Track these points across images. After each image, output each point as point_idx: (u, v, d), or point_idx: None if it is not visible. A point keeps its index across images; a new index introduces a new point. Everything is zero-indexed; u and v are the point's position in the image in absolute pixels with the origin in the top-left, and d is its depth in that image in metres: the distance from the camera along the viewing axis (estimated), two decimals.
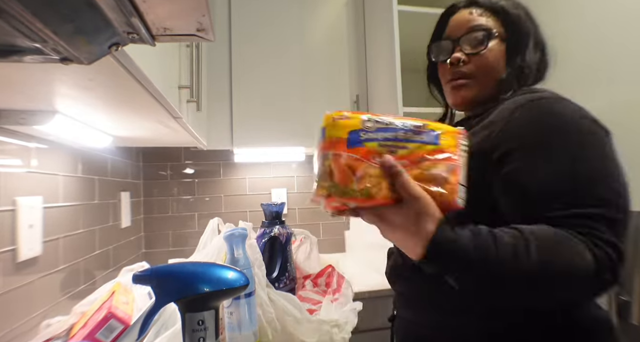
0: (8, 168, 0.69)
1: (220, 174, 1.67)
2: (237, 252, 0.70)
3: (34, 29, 0.29)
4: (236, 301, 0.67)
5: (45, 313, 0.77)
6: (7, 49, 0.33)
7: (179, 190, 1.62)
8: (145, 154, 1.59)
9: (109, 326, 0.62)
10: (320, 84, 1.49)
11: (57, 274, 0.84)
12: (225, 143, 1.42)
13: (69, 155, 0.92)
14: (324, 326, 0.74)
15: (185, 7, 0.35)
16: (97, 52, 0.36)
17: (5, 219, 0.67)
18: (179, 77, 0.82)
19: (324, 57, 1.51)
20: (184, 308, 0.49)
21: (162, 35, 0.39)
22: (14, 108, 0.63)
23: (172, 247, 1.59)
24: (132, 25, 0.35)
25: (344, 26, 1.53)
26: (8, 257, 0.67)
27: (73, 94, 0.57)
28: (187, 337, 0.49)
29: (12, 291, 0.68)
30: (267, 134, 1.44)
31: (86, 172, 1.01)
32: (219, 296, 0.50)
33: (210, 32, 0.40)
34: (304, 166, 1.76)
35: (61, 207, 0.87)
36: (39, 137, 0.79)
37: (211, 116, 1.39)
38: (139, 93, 0.58)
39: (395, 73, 1.24)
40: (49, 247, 0.80)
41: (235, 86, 1.43)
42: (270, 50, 1.46)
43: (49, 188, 0.82)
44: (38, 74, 0.47)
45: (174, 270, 0.52)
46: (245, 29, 1.44)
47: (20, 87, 0.52)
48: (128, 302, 0.72)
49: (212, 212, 1.63)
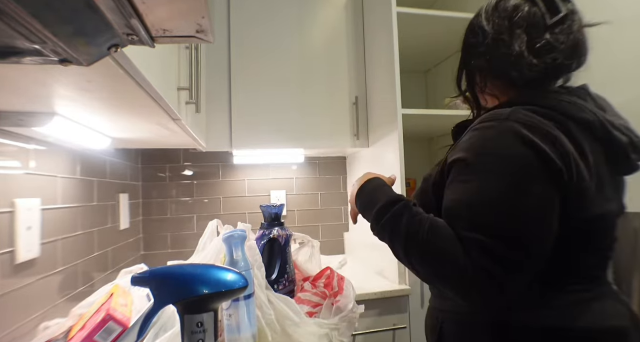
0: (6, 170, 0.69)
1: (219, 175, 1.67)
2: (236, 253, 0.70)
3: (33, 30, 0.29)
4: (235, 303, 0.67)
5: (44, 315, 0.77)
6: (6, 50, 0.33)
7: (178, 192, 1.62)
8: (144, 156, 1.59)
9: (108, 328, 0.62)
10: (319, 86, 1.50)
11: (55, 276, 0.83)
12: (224, 145, 1.42)
13: (67, 157, 0.92)
14: (324, 329, 0.74)
15: (184, 8, 0.35)
16: (96, 54, 0.36)
17: (3, 220, 0.67)
18: (178, 79, 0.82)
19: (323, 58, 1.51)
20: (183, 310, 0.49)
21: (161, 37, 0.39)
22: (12, 109, 0.63)
23: (170, 249, 1.59)
24: (131, 27, 0.35)
25: (343, 28, 1.54)
26: (6, 259, 0.67)
27: (72, 95, 0.56)
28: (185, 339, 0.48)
29: (9, 293, 0.67)
30: (266, 135, 1.44)
31: (85, 173, 1.01)
32: (218, 298, 0.50)
33: (210, 33, 0.40)
34: (303, 168, 1.76)
35: (59, 209, 0.87)
36: (38, 139, 0.79)
37: (210, 118, 1.40)
38: (138, 95, 0.58)
39: (395, 75, 1.25)
40: (47, 249, 0.80)
41: (234, 88, 1.43)
42: (269, 52, 1.46)
43: (47, 190, 0.82)
44: (37, 76, 0.47)
45: (173, 272, 0.52)
46: (245, 31, 1.45)
47: (19, 89, 0.52)
48: (126, 304, 0.71)
49: (211, 214, 1.63)
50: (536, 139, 0.54)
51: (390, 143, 1.28)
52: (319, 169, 1.79)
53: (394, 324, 1.18)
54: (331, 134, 1.49)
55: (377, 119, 1.43)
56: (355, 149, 1.54)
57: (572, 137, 0.56)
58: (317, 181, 1.78)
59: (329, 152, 1.67)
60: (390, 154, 1.28)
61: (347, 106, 1.52)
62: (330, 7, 1.53)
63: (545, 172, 0.54)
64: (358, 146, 1.51)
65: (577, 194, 0.55)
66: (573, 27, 0.61)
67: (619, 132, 0.60)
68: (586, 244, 0.58)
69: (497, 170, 0.55)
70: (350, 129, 1.51)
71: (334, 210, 1.78)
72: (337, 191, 1.79)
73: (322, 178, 1.78)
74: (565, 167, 0.54)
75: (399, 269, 1.22)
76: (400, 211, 0.63)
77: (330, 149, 1.56)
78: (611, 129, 0.59)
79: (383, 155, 1.36)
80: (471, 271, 0.52)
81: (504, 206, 0.54)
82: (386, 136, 1.32)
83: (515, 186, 0.54)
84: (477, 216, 0.55)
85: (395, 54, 1.25)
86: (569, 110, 0.58)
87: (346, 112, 1.52)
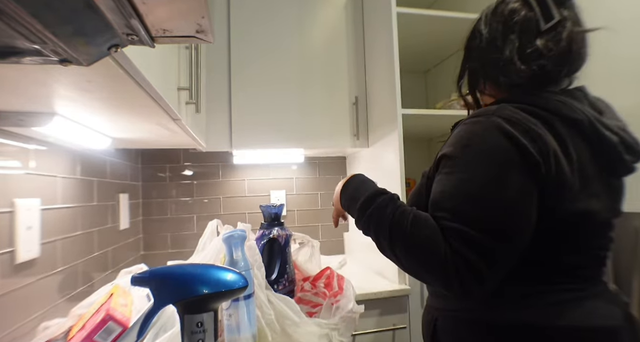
0: (6, 170, 0.69)
1: (219, 175, 1.67)
2: (236, 253, 0.70)
3: (33, 30, 0.29)
4: (235, 303, 0.67)
5: (43, 315, 0.77)
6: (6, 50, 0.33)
7: (178, 192, 1.62)
8: (144, 156, 1.59)
9: (107, 328, 0.62)
10: (319, 86, 1.50)
11: (55, 276, 0.83)
12: (224, 145, 1.42)
13: (67, 157, 0.92)
14: (324, 329, 0.74)
15: (184, 8, 0.35)
16: (96, 54, 0.36)
17: (3, 220, 0.67)
18: (178, 79, 0.82)
19: (323, 58, 1.51)
20: (183, 310, 0.49)
21: (161, 37, 0.39)
22: (12, 109, 0.63)
23: (170, 249, 1.59)
24: (131, 27, 0.35)
25: (343, 28, 1.54)
26: (6, 259, 0.67)
27: (72, 95, 0.57)
28: (186, 339, 0.48)
29: (9, 293, 0.67)
30: (266, 135, 1.44)
31: (85, 173, 1.01)
32: (218, 298, 0.50)
33: (210, 33, 0.40)
34: (303, 168, 1.76)
35: (60, 209, 0.87)
36: (38, 139, 0.79)
37: (210, 118, 1.40)
38: (138, 95, 0.58)
39: (394, 75, 1.25)
40: (47, 249, 0.80)
41: (234, 88, 1.43)
42: (269, 52, 1.46)
43: (47, 190, 0.82)
44: (37, 76, 0.47)
45: (173, 272, 0.52)
46: (245, 31, 1.45)
47: (19, 89, 0.52)
48: (126, 304, 0.71)
49: (211, 214, 1.63)
50: (517, 133, 0.56)
51: (390, 143, 1.28)
52: (319, 169, 1.79)
53: (393, 324, 1.18)
54: (331, 134, 1.49)
55: (377, 119, 1.43)
56: (355, 149, 1.54)
57: (557, 134, 0.58)
58: (317, 181, 1.78)
59: (329, 152, 1.67)
60: (390, 154, 1.28)
61: (347, 106, 1.52)
62: (330, 7, 1.53)
63: (524, 165, 0.55)
64: (358, 146, 1.51)
65: (557, 187, 0.56)
66: (563, 34, 0.61)
67: (610, 132, 0.60)
68: (573, 241, 0.59)
69: (479, 162, 0.58)
70: (350, 129, 1.51)
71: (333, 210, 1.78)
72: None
73: (322, 178, 1.78)
74: (543, 160, 0.55)
75: (398, 269, 1.22)
76: (385, 202, 0.65)
77: (330, 149, 1.56)
78: (601, 128, 0.60)
79: (383, 155, 1.36)
80: (451, 261, 0.54)
81: (484, 197, 0.56)
82: (386, 136, 1.32)
83: (496, 177, 0.56)
84: (458, 206, 0.57)
85: (395, 54, 1.25)
86: (559, 109, 0.59)
87: (346, 112, 1.52)
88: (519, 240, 0.55)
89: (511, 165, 0.56)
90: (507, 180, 0.55)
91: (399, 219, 0.61)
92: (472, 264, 0.53)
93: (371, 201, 0.67)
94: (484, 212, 0.55)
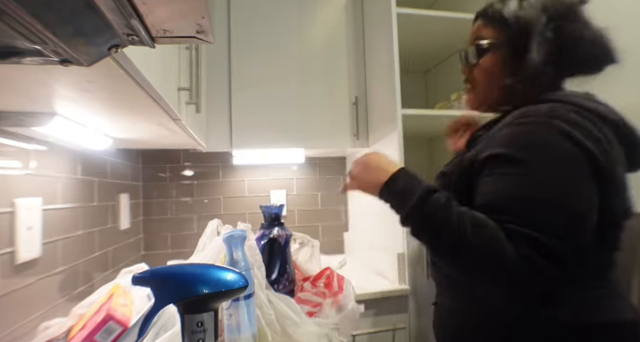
0: (7, 170, 0.69)
1: (220, 176, 1.67)
2: (236, 253, 0.70)
3: (33, 30, 0.29)
4: (235, 303, 0.67)
5: (44, 315, 0.77)
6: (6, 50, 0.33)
7: (178, 192, 1.62)
8: (144, 156, 1.59)
9: (108, 328, 0.62)
10: (319, 86, 1.50)
11: (56, 276, 0.83)
12: (225, 145, 1.42)
13: (68, 157, 0.92)
14: (324, 329, 0.74)
15: (184, 9, 0.35)
16: (96, 54, 0.36)
17: (3, 220, 0.67)
18: (179, 79, 0.82)
19: (323, 59, 1.51)
20: (183, 310, 0.49)
21: (161, 37, 0.39)
22: (13, 110, 0.63)
23: (171, 249, 1.59)
24: (131, 27, 0.35)
25: (343, 28, 1.54)
26: (6, 259, 0.67)
27: (72, 95, 0.57)
28: (186, 338, 0.48)
29: (10, 293, 0.67)
30: (266, 135, 1.44)
31: (85, 173, 1.01)
32: (218, 298, 0.50)
33: (210, 34, 0.40)
34: (303, 168, 1.76)
35: (60, 209, 0.87)
36: (38, 139, 0.79)
37: (210, 118, 1.40)
38: (139, 95, 0.58)
39: (394, 75, 1.25)
40: (48, 249, 0.80)
41: (234, 88, 1.43)
42: (269, 52, 1.46)
43: (48, 190, 0.82)
44: (37, 76, 0.47)
45: (173, 271, 0.52)
46: (245, 31, 1.45)
47: (19, 89, 0.52)
48: (127, 304, 0.71)
49: (211, 214, 1.63)
50: (581, 137, 0.55)
51: (390, 143, 1.28)
52: (319, 169, 1.79)
53: (393, 324, 1.18)
54: (331, 134, 1.49)
55: (377, 119, 1.43)
56: (355, 149, 1.54)
57: (605, 135, 0.58)
58: (317, 181, 1.78)
59: (329, 152, 1.67)
60: (390, 154, 1.28)
61: (347, 106, 1.52)
62: (330, 7, 1.53)
63: (591, 170, 0.55)
64: (358, 146, 1.51)
65: (613, 190, 0.57)
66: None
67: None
68: (611, 241, 0.60)
69: (545, 166, 0.56)
70: (350, 129, 1.51)
71: (333, 210, 1.78)
72: (337, 191, 1.79)
73: (322, 178, 1.78)
74: (607, 166, 0.56)
75: (398, 269, 1.22)
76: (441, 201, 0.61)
77: (330, 149, 1.56)
78: (634, 130, 0.61)
79: None
80: (518, 264, 0.52)
81: (555, 202, 0.55)
82: (386, 136, 1.32)
83: (566, 183, 0.55)
84: (524, 209, 0.55)
85: (395, 54, 1.25)
86: (601, 111, 0.60)
87: (346, 112, 1.52)
88: (583, 245, 0.55)
89: (580, 170, 0.55)
90: (578, 186, 0.55)
91: (458, 219, 0.57)
92: (540, 268, 0.52)
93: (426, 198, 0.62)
94: (554, 218, 0.54)
